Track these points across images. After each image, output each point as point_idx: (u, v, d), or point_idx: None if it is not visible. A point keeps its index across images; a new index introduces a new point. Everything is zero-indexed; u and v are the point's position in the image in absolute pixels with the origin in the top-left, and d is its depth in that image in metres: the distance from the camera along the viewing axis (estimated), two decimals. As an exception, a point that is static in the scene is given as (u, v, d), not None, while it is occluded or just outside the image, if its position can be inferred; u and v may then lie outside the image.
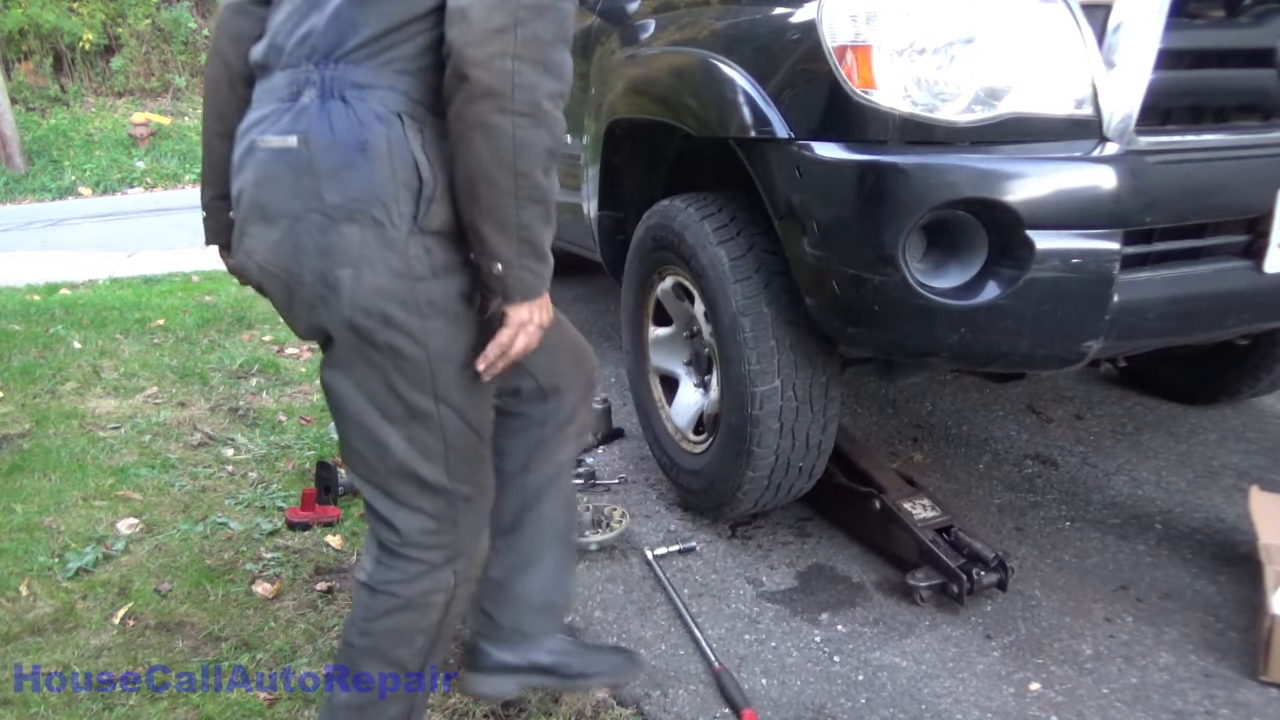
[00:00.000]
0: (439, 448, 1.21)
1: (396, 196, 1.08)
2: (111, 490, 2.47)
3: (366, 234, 1.08)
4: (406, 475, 1.21)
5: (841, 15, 1.51)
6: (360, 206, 1.08)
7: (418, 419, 1.18)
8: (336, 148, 1.08)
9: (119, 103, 13.06)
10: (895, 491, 1.96)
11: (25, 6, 12.19)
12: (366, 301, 1.10)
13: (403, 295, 1.11)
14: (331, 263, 1.09)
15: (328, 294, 1.10)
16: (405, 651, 1.29)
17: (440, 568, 1.27)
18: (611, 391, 3.09)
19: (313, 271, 1.10)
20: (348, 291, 1.09)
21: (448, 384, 1.18)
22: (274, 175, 1.11)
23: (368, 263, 1.09)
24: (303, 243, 1.10)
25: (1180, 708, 1.53)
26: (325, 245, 1.09)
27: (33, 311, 4.47)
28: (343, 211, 1.08)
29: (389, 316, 1.11)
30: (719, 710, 1.57)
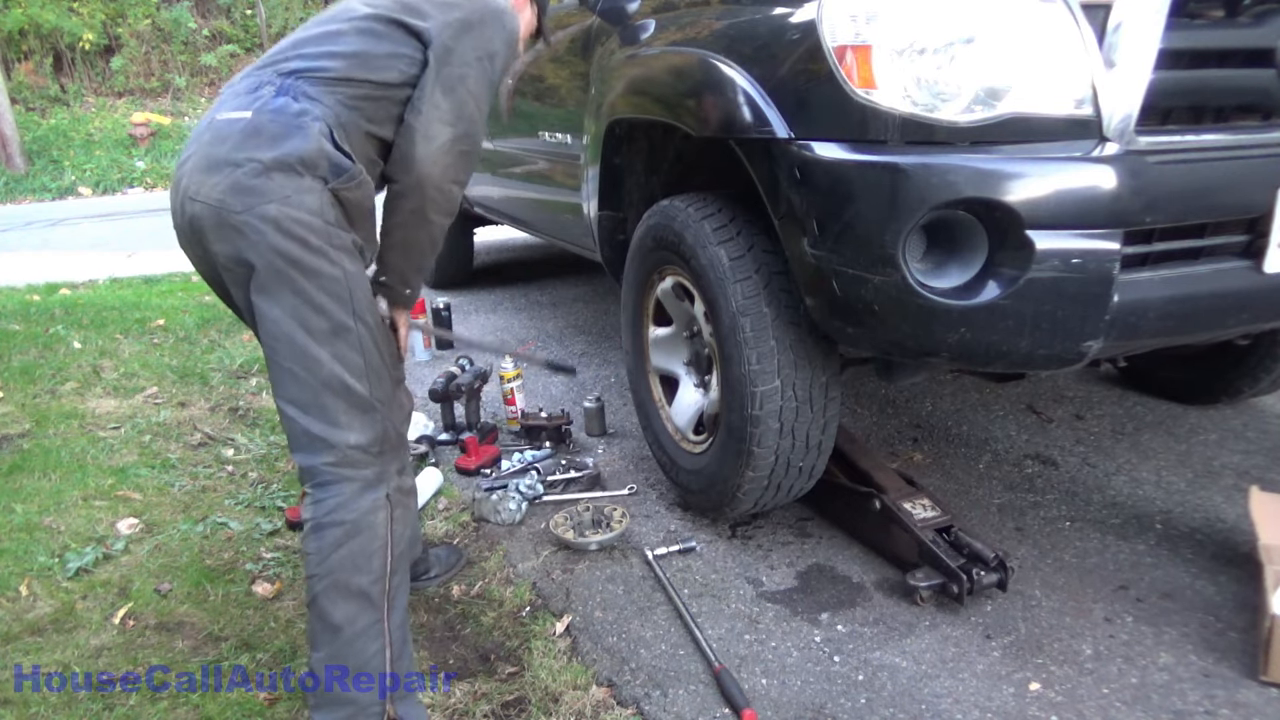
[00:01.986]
0: (360, 362, 1.40)
1: (319, 162, 1.38)
2: (111, 490, 2.47)
3: (290, 180, 1.36)
4: (337, 388, 1.38)
5: (841, 15, 1.51)
6: (289, 161, 1.36)
7: (340, 335, 1.38)
8: (280, 118, 1.38)
9: (119, 103, 13.06)
10: (895, 491, 1.96)
11: (25, 6, 12.19)
12: (290, 227, 1.34)
13: (318, 227, 1.37)
14: (261, 198, 1.34)
15: (256, 223, 1.34)
16: (364, 579, 1.41)
17: (374, 485, 1.43)
18: (611, 392, 3.09)
19: (244, 204, 1.34)
20: (273, 219, 1.34)
21: (362, 304, 1.42)
22: (225, 135, 1.38)
23: (291, 199, 1.35)
24: (240, 181, 1.35)
25: (1180, 708, 1.53)
26: (258, 185, 1.34)
27: (33, 311, 4.47)
28: (276, 163, 1.35)
29: (307, 241, 1.35)
30: (719, 710, 1.57)
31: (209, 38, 13.63)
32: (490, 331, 4.00)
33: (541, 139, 2.99)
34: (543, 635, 1.79)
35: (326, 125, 1.40)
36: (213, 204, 1.36)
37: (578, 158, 2.62)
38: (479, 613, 1.88)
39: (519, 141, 3.25)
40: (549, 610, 1.88)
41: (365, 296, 1.43)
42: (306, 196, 1.36)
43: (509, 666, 1.70)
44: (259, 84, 1.44)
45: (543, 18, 1.92)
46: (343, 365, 1.38)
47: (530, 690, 1.63)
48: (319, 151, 1.38)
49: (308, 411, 1.39)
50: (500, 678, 1.67)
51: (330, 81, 1.44)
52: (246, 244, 1.35)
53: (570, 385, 3.21)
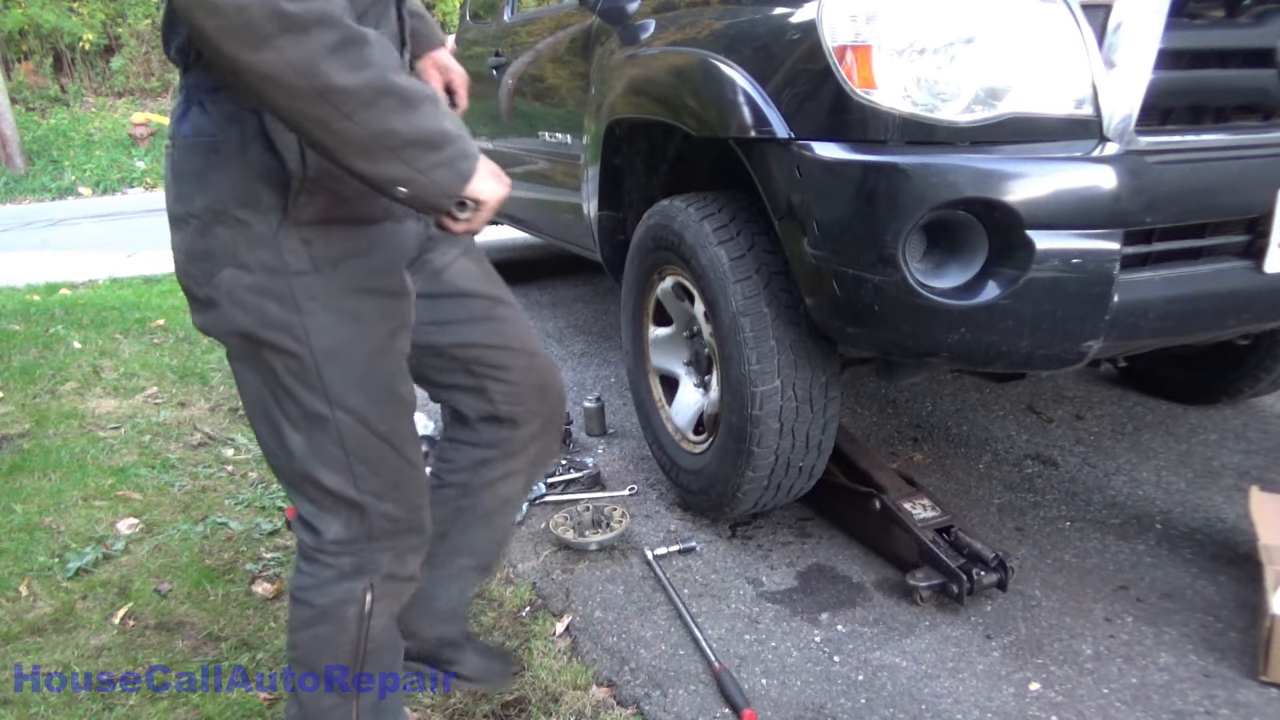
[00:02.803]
0: (339, 455, 1.13)
1: (258, 195, 1.02)
2: (111, 490, 2.47)
3: (235, 234, 1.03)
4: (310, 480, 1.14)
5: (841, 15, 1.51)
6: (223, 207, 1.02)
7: (313, 422, 1.11)
8: (194, 150, 1.04)
9: (119, 103, 13.06)
10: (895, 491, 1.96)
11: (25, 6, 12.19)
12: (243, 299, 1.04)
13: (278, 291, 1.04)
14: (213, 264, 1.04)
15: (211, 294, 1.06)
16: (330, 664, 1.25)
17: (350, 576, 1.20)
18: (611, 392, 3.09)
19: (196, 275, 1.06)
20: (225, 291, 1.04)
21: (341, 386, 1.10)
22: (165, 178, 1.09)
23: (241, 262, 1.03)
24: (190, 246, 1.06)
25: (1180, 708, 1.53)
26: (204, 249, 1.04)
27: (33, 311, 4.47)
28: (211, 214, 1.03)
29: (266, 314, 1.05)
30: (719, 710, 1.57)
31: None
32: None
33: (541, 139, 2.99)
34: (543, 635, 1.79)
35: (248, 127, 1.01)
36: (179, 272, 1.10)
37: (578, 158, 2.62)
38: (479, 613, 1.88)
39: (519, 141, 3.25)
40: (549, 610, 1.88)
41: (344, 375, 1.10)
42: (260, 251, 1.03)
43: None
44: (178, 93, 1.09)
45: None
46: (318, 459, 1.12)
47: (530, 690, 1.63)
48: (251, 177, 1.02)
49: (291, 489, 1.19)
50: (500, 678, 1.67)
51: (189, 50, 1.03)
52: (208, 319, 1.09)
53: (570, 385, 3.21)
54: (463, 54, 3.94)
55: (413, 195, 0.97)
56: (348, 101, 0.89)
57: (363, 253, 1.08)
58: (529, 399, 1.36)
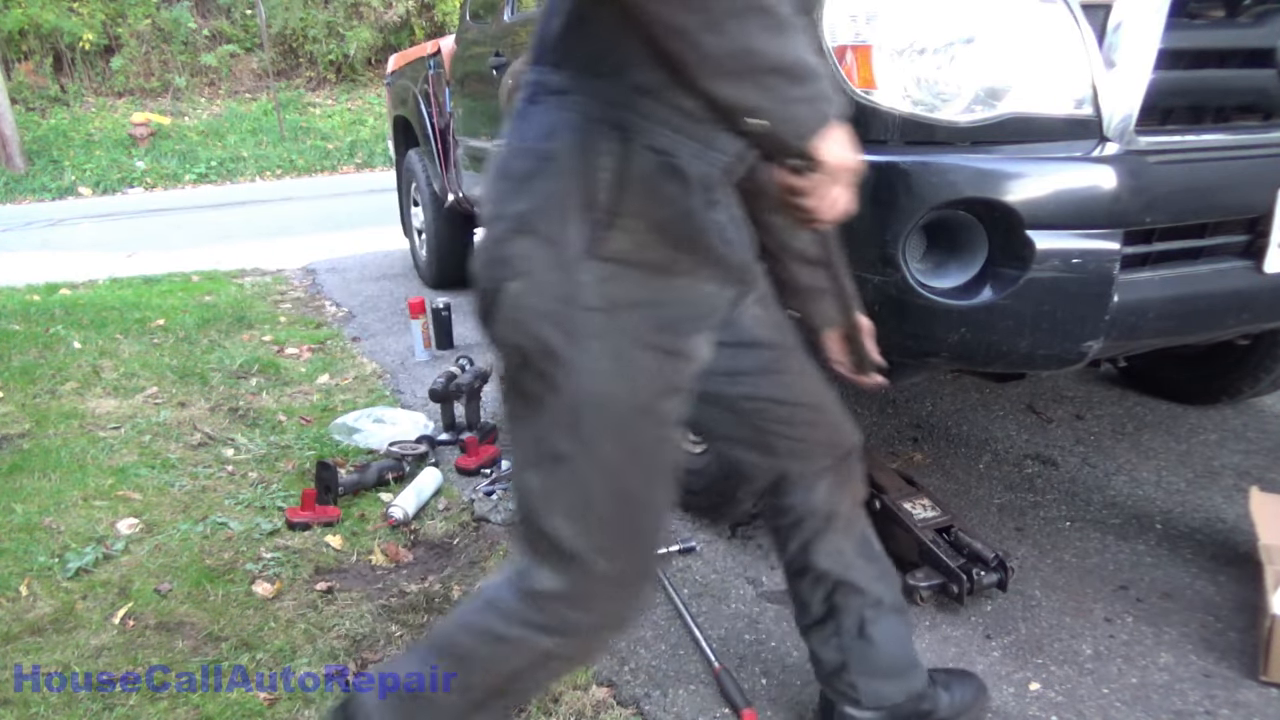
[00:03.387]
0: (579, 505, 1.02)
1: (571, 218, 0.96)
2: (111, 490, 2.47)
3: (537, 249, 0.97)
4: (536, 520, 1.04)
5: (841, 15, 1.51)
6: (535, 219, 0.97)
7: (557, 463, 1.02)
8: (526, 154, 1.00)
9: (119, 103, 13.06)
10: (895, 491, 1.96)
11: (25, 6, 12.19)
12: (524, 318, 0.99)
13: (562, 321, 0.97)
14: (504, 273, 0.99)
15: (493, 306, 1.01)
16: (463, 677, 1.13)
17: (541, 632, 1.07)
18: (611, 391, 3.08)
19: (490, 280, 1.01)
20: (509, 306, 0.99)
21: (595, 433, 1.00)
22: (488, 175, 1.05)
23: (533, 280, 0.97)
24: (492, 248, 1.01)
25: (1180, 708, 1.53)
26: (502, 255, 0.99)
27: (33, 311, 4.47)
28: (521, 222, 0.98)
29: (544, 341, 0.98)
30: (719, 710, 1.57)
31: (209, 38, 13.64)
32: (490, 331, 3.99)
33: (541, 139, 2.99)
34: (543, 635, 1.79)
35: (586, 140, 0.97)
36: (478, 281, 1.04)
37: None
38: (479, 613, 1.88)
39: (519, 141, 3.25)
40: (549, 610, 1.88)
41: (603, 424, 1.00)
42: (554, 275, 0.97)
43: (509, 666, 1.70)
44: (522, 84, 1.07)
45: None
46: (552, 501, 1.03)
47: (530, 690, 1.63)
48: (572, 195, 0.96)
49: (517, 527, 1.09)
50: (500, 678, 1.67)
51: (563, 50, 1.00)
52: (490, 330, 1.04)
53: (570, 385, 3.21)
54: (463, 54, 3.94)
55: (762, 129, 0.85)
56: (715, 8, 0.79)
57: (655, 304, 1.01)
58: (815, 454, 1.33)
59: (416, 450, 2.59)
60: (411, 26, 13.57)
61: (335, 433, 2.78)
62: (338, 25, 13.58)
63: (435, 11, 13.49)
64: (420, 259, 4.95)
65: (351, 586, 2.00)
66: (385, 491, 2.41)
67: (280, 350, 3.82)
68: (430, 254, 4.72)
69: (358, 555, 2.13)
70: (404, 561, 2.11)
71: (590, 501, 1.03)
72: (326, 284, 5.23)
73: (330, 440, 2.76)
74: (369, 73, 13.78)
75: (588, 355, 0.98)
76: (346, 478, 2.41)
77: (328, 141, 12.55)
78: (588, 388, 0.99)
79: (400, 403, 3.12)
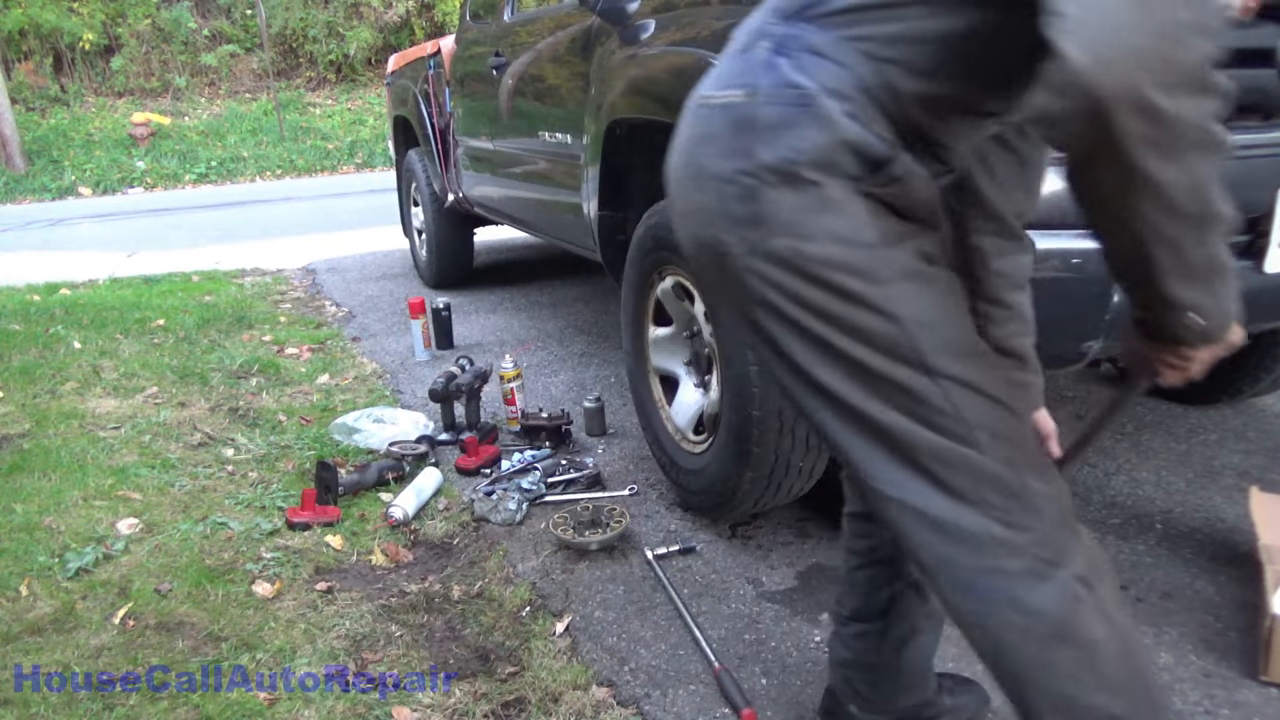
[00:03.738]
0: (958, 428, 0.96)
1: (837, 159, 0.91)
2: (111, 490, 2.47)
3: (801, 198, 0.92)
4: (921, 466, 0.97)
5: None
6: (794, 167, 0.92)
7: (914, 399, 0.96)
8: (779, 102, 0.93)
9: (119, 103, 13.07)
10: (895, 491, 1.96)
11: (25, 6, 12.20)
12: (812, 270, 0.93)
13: (855, 263, 0.93)
14: (766, 233, 0.93)
15: (762, 268, 0.95)
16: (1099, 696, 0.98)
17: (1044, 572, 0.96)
18: (611, 392, 3.09)
19: (742, 242, 0.95)
20: (784, 260, 0.93)
21: (940, 355, 0.95)
22: (711, 132, 0.98)
23: (807, 232, 0.92)
24: (732, 210, 0.95)
25: (1180, 708, 1.52)
26: (756, 213, 0.93)
27: (33, 311, 4.48)
28: (775, 173, 0.92)
29: (845, 289, 0.93)
30: (719, 710, 1.57)
31: (209, 38, 13.65)
32: (490, 331, 4.00)
33: (541, 139, 2.99)
34: (543, 635, 1.79)
35: (844, 96, 0.92)
36: (710, 245, 0.99)
37: (578, 158, 2.63)
38: (479, 613, 1.88)
39: (519, 141, 3.25)
40: (549, 610, 1.88)
41: (939, 339, 0.95)
42: (829, 219, 0.92)
43: (509, 666, 1.70)
44: (755, 36, 0.99)
45: None
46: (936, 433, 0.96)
47: (530, 690, 1.63)
48: (836, 143, 0.91)
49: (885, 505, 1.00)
50: (500, 678, 1.67)
51: (842, 19, 0.93)
52: (753, 301, 0.97)
53: (570, 385, 3.22)
54: (463, 54, 3.94)
55: (1196, 324, 0.88)
56: (1213, 226, 0.82)
57: (913, 235, 0.97)
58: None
59: (416, 450, 2.59)
60: (411, 26, 13.58)
61: (335, 433, 2.78)
62: (338, 25, 13.58)
63: (435, 11, 13.49)
64: (420, 259, 4.95)
65: (351, 586, 2.00)
66: (385, 491, 2.41)
67: (280, 350, 3.82)
68: (430, 254, 4.72)
69: (358, 555, 2.13)
70: (404, 561, 2.11)
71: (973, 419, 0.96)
72: (326, 284, 5.23)
73: (330, 440, 2.76)
74: (369, 73, 13.78)
75: (894, 286, 0.94)
76: (346, 478, 2.41)
77: (328, 141, 12.55)
78: (912, 314, 0.94)
79: (400, 403, 3.12)
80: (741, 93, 0.96)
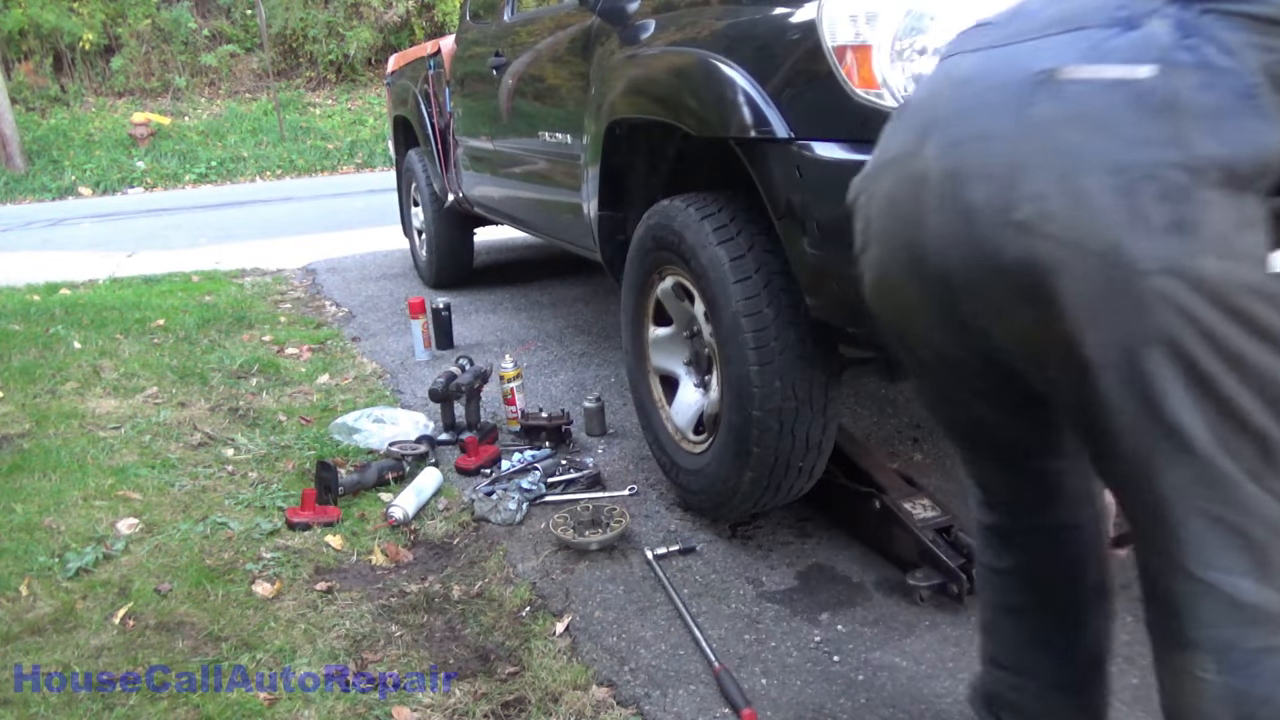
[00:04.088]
0: None
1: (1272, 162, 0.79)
2: (111, 490, 2.47)
3: (1233, 207, 0.78)
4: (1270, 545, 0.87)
5: (841, 15, 1.51)
6: (1235, 164, 0.78)
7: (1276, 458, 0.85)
8: (1216, 88, 0.78)
9: (119, 103, 13.07)
10: (895, 491, 1.96)
11: (25, 6, 12.20)
12: (1232, 299, 0.79)
13: (1265, 289, 0.80)
14: (1193, 246, 0.78)
15: (1175, 290, 0.79)
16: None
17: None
18: (611, 391, 3.09)
19: (1157, 253, 0.79)
20: (1207, 284, 0.78)
21: None
22: (1095, 114, 0.82)
23: (1235, 250, 0.79)
24: (1145, 212, 0.78)
25: (1180, 708, 1.52)
26: (1182, 219, 0.78)
27: (33, 311, 4.48)
28: (1219, 169, 0.78)
29: (1255, 320, 0.80)
30: (719, 710, 1.57)
31: (209, 38, 13.64)
32: (490, 331, 4.00)
33: (541, 139, 2.99)
34: (543, 635, 1.79)
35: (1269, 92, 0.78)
36: (1091, 249, 0.81)
37: (578, 158, 2.62)
38: (479, 613, 1.88)
39: (519, 141, 3.25)
40: (549, 610, 1.88)
41: None
42: (1249, 235, 0.79)
43: (509, 666, 1.70)
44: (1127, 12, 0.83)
45: None
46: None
47: (530, 690, 1.63)
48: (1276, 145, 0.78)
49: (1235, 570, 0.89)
50: (500, 678, 1.67)
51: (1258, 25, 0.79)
52: (1149, 335, 0.81)
53: (570, 385, 3.22)
54: (463, 54, 3.94)
55: None
56: None
57: None
58: None
59: (416, 450, 2.59)
60: (411, 26, 13.57)
61: (335, 433, 2.78)
62: (338, 25, 13.58)
63: (435, 11, 13.49)
64: (420, 259, 4.95)
65: (351, 586, 2.00)
66: (385, 491, 2.41)
67: (280, 350, 3.82)
68: (430, 254, 4.72)
69: (358, 555, 2.13)
70: (404, 561, 2.11)
71: None
72: (326, 284, 5.23)
73: (330, 440, 2.76)
74: (369, 73, 13.78)
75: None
76: (346, 478, 2.41)
77: (328, 141, 12.55)
78: None
79: (400, 403, 3.12)
80: (1151, 69, 0.80)
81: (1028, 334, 0.89)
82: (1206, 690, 0.93)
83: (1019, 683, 1.27)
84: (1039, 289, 0.84)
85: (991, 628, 1.30)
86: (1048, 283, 0.84)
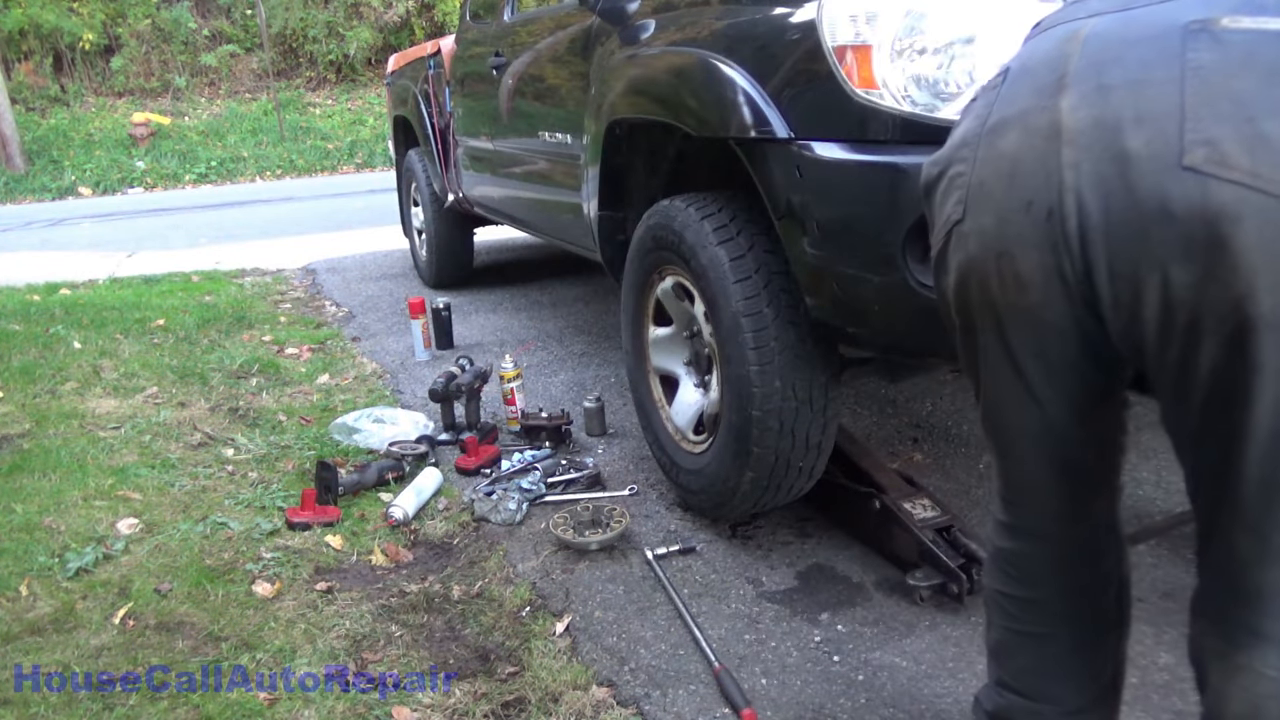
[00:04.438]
0: None
1: None
2: (111, 490, 2.47)
3: None
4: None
5: (841, 15, 1.51)
6: None
7: None
8: None
9: (119, 103, 13.07)
10: (895, 491, 1.96)
11: (25, 6, 12.20)
12: None
13: None
14: None
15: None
16: None
17: None
18: (611, 391, 3.09)
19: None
20: None
21: None
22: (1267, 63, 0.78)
23: None
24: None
25: (1180, 708, 1.53)
26: None
27: (33, 311, 4.48)
28: None
29: None
30: (719, 710, 1.57)
31: (209, 38, 13.64)
32: (490, 332, 4.00)
33: (541, 139, 2.99)
34: (543, 635, 1.79)
35: None
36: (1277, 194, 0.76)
37: (578, 158, 2.62)
38: (479, 613, 1.88)
39: (519, 141, 3.25)
40: (549, 610, 1.88)
41: None
42: None
43: (509, 666, 1.70)
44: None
45: None
46: None
47: (530, 690, 1.63)
48: None
49: None
50: (500, 678, 1.67)
51: None
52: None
53: (570, 385, 3.21)
54: (463, 54, 3.94)
55: None
56: None
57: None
58: None
59: (416, 450, 2.59)
60: (411, 26, 13.57)
61: (335, 433, 2.78)
62: (338, 25, 13.58)
63: (435, 11, 13.49)
64: (420, 259, 4.95)
65: (351, 586, 2.00)
66: (385, 491, 2.41)
67: (280, 350, 3.82)
68: (430, 254, 4.72)
69: (358, 555, 2.13)
70: (404, 561, 2.11)
71: None
72: (326, 284, 5.23)
73: (330, 440, 2.76)
74: (369, 73, 13.78)
75: None
76: (346, 478, 2.41)
77: (328, 141, 12.55)
78: None
79: (400, 403, 3.12)
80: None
81: (1182, 294, 0.81)
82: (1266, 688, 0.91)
83: (1036, 709, 1.24)
84: (1212, 237, 0.77)
85: (1003, 653, 1.27)
86: (1222, 230, 0.77)
